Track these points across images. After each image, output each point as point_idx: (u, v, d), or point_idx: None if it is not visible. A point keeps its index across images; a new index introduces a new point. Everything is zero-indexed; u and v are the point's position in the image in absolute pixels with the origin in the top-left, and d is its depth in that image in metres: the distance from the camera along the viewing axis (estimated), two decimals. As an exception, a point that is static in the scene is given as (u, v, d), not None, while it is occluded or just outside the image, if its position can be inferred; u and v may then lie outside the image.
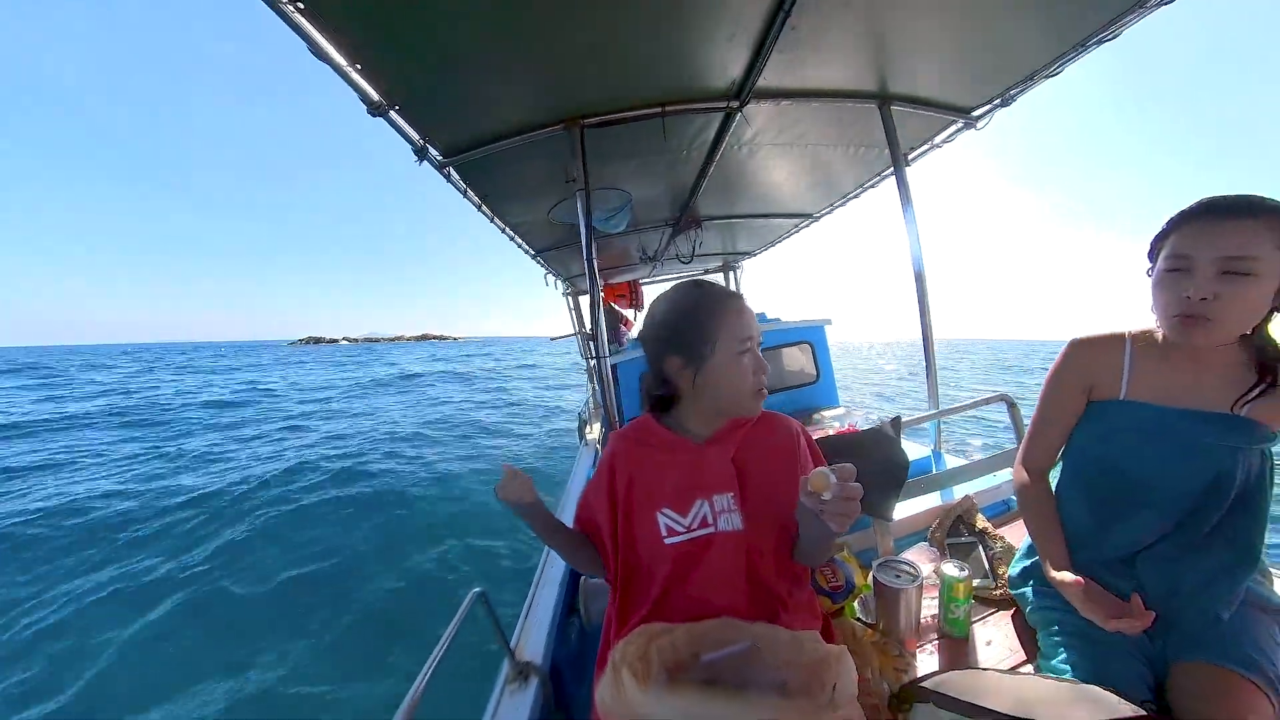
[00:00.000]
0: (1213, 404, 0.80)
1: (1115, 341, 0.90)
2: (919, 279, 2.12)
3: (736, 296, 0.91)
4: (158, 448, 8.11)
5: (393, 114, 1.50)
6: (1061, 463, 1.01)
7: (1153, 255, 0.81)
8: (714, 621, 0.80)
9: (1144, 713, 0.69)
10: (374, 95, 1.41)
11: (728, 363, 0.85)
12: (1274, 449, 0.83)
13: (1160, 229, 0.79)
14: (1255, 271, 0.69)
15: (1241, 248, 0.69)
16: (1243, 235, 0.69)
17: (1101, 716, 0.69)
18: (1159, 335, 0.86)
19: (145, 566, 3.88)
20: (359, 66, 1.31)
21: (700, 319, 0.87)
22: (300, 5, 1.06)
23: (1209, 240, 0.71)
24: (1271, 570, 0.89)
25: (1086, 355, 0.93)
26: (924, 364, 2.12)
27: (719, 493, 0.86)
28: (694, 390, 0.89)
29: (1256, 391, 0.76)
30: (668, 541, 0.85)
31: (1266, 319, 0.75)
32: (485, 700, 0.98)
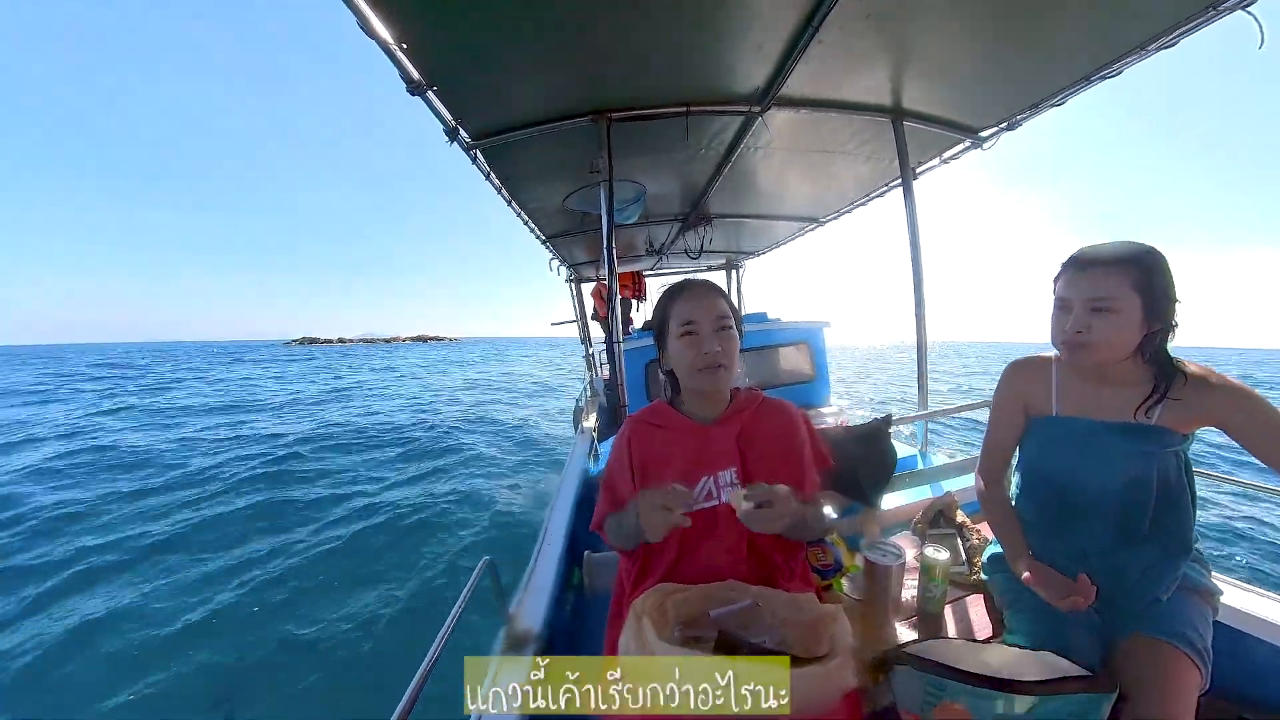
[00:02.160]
0: (1125, 415, 0.93)
1: (1044, 364, 1.04)
2: (918, 289, 2.23)
3: (687, 285, 0.98)
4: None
5: (430, 94, 1.55)
6: (1015, 472, 1.15)
7: (1054, 290, 0.98)
8: (722, 584, 0.89)
9: (1088, 673, 0.80)
10: (415, 74, 1.46)
11: (674, 345, 0.96)
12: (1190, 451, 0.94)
13: (1055, 272, 0.96)
14: (1115, 309, 0.85)
15: (1102, 289, 0.86)
16: (1103, 281, 0.86)
17: (1051, 676, 0.80)
18: None
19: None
20: (405, 46, 1.35)
21: (659, 310, 1.00)
22: None
23: (1079, 286, 0.89)
24: (1208, 562, 1.00)
25: (1021, 376, 1.07)
26: (915, 369, 2.23)
27: (723, 468, 0.95)
28: (674, 375, 1.00)
29: (1150, 400, 0.90)
30: None
31: (1159, 340, 0.89)
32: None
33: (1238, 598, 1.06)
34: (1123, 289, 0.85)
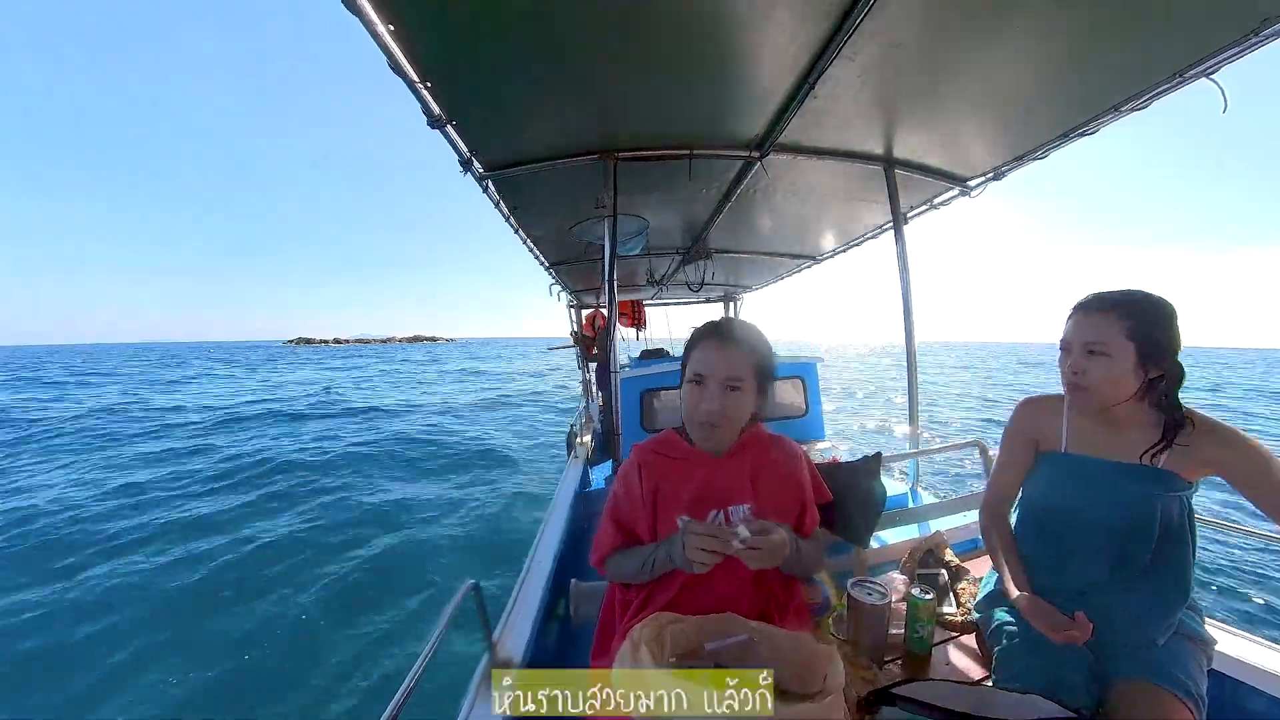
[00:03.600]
0: (1133, 457, 0.96)
1: (1057, 402, 1.08)
2: (908, 330, 2.28)
3: (714, 331, 0.96)
4: None
5: (449, 128, 1.64)
6: (1018, 506, 1.17)
7: None
8: (720, 616, 0.89)
9: (1080, 717, 0.79)
10: (436, 109, 1.55)
11: (685, 386, 0.96)
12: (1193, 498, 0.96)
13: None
14: (1107, 352, 0.91)
15: (1095, 334, 0.92)
16: (1097, 326, 0.93)
17: (1043, 716, 0.80)
18: None
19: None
20: (429, 85, 1.44)
21: (689, 343, 1.01)
22: (391, 27, 1.20)
23: (1078, 330, 0.96)
24: (1202, 609, 1.01)
25: (1033, 413, 1.12)
26: (907, 408, 2.26)
27: (736, 503, 0.96)
28: None
29: (1158, 446, 0.92)
30: None
31: (1164, 387, 0.92)
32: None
33: (1232, 645, 1.06)
34: (1115, 335, 0.90)
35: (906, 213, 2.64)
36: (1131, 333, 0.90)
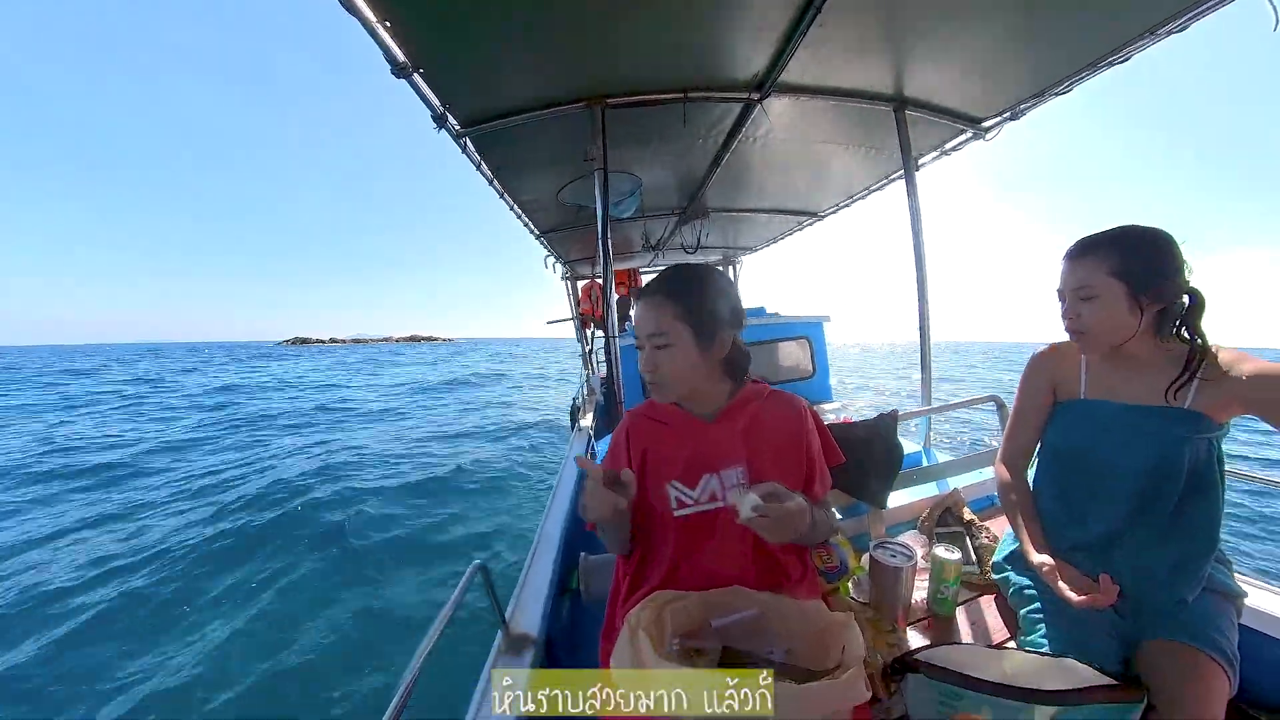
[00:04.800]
0: (1155, 399, 0.91)
1: (1073, 350, 1.03)
2: (920, 284, 2.18)
3: (644, 291, 0.92)
4: None
5: (416, 77, 1.48)
6: (1037, 460, 1.11)
7: None
8: (724, 590, 0.84)
9: (1114, 681, 0.75)
10: (400, 56, 1.40)
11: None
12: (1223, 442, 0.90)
13: None
14: (1095, 294, 0.89)
15: (1079, 279, 0.91)
16: (1082, 271, 0.91)
17: (1074, 684, 0.75)
18: None
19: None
20: (388, 24, 1.29)
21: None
22: None
23: (1067, 277, 0.94)
24: (1230, 561, 0.96)
25: (1050, 361, 1.06)
26: (919, 363, 2.19)
27: (729, 467, 0.89)
28: None
29: (1180, 380, 0.86)
30: (677, 514, 0.88)
31: (1176, 317, 0.87)
32: (479, 671, 0.98)
33: (1261, 598, 1.02)
34: (1097, 275, 0.88)
35: (917, 159, 2.48)
36: (1115, 269, 0.87)
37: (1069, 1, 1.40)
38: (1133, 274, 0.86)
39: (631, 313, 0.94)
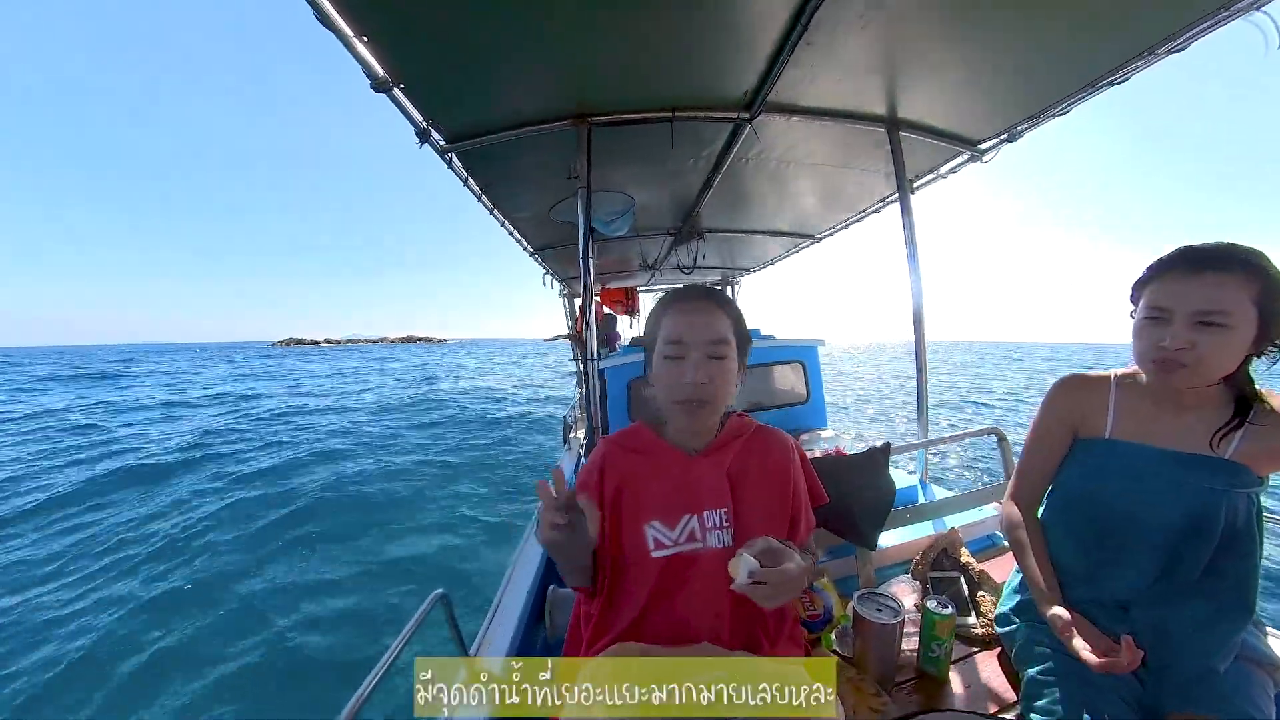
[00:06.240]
0: (1194, 445, 0.80)
1: (1101, 381, 0.92)
2: (917, 310, 2.11)
3: (682, 295, 0.84)
4: None
5: (396, 92, 1.45)
6: (1046, 499, 1.00)
7: (1135, 298, 0.82)
8: (692, 648, 0.75)
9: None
10: (379, 70, 1.37)
11: (659, 364, 0.82)
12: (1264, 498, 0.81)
13: (1140, 275, 0.81)
14: (1229, 324, 0.70)
15: (1215, 302, 0.71)
16: (1216, 289, 0.71)
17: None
18: (1143, 377, 0.87)
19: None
20: (365, 39, 1.26)
21: (651, 319, 0.86)
22: None
23: (1184, 294, 0.73)
24: (1265, 624, 0.86)
25: (1073, 394, 0.94)
26: (915, 394, 2.10)
27: (711, 508, 0.82)
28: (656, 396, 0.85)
29: (1228, 428, 0.77)
30: (654, 555, 0.80)
31: (1245, 362, 0.76)
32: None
33: None
34: (1241, 302, 0.70)
35: (912, 181, 2.44)
36: (1258, 298, 0.70)
37: (1065, 22, 1.37)
38: (1272, 309, 0.71)
39: (665, 320, 0.82)
